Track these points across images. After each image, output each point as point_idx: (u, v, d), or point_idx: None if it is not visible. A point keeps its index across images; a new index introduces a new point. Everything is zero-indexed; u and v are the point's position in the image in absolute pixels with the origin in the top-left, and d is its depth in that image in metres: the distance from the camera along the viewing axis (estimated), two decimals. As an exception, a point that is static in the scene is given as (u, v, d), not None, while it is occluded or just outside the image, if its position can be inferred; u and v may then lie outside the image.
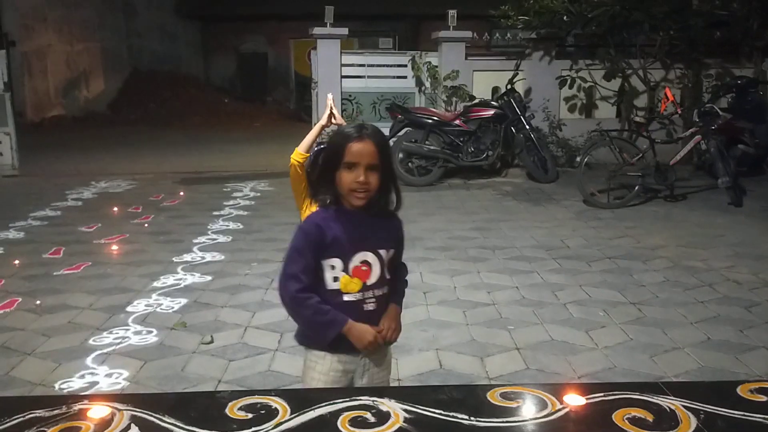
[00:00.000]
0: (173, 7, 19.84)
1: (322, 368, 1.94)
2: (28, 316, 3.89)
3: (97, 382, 3.05)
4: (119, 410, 1.55)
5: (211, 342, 3.49)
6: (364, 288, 1.89)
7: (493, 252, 5.24)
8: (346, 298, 1.88)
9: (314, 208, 2.89)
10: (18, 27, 14.14)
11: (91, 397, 2.11)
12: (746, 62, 9.51)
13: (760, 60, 9.36)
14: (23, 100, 14.17)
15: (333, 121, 3.29)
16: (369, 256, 1.89)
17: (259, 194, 7.72)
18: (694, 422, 1.52)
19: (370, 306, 1.90)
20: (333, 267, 1.86)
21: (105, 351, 3.39)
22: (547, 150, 8.63)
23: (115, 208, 6.92)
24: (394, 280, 1.99)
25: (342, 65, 9.36)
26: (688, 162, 8.17)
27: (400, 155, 8.28)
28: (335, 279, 1.87)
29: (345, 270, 1.87)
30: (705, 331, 3.63)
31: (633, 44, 9.30)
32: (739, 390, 1.67)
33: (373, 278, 1.90)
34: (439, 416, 1.55)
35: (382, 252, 1.91)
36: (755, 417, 1.56)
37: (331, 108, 3.22)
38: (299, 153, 3.17)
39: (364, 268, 1.89)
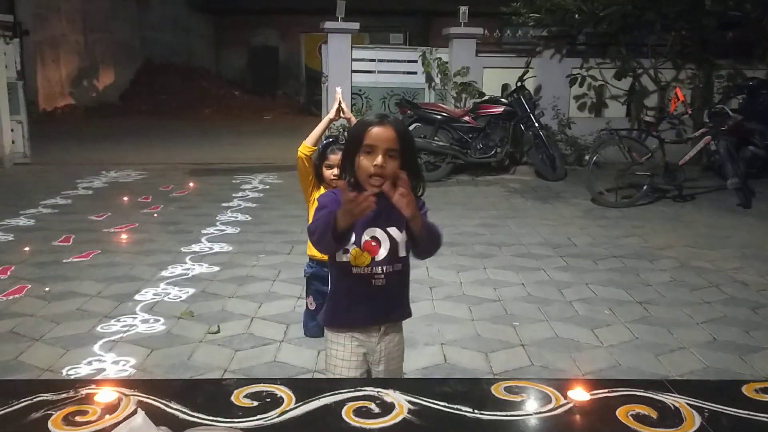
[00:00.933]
0: (186, 0, 19.88)
1: (338, 346, 2.02)
2: (37, 303, 3.92)
3: (104, 369, 3.07)
4: (126, 395, 1.56)
5: (218, 332, 3.51)
6: (374, 263, 1.92)
7: (499, 248, 5.24)
8: (354, 271, 1.91)
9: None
10: (31, 16, 14.22)
11: (98, 382, 2.13)
12: (759, 63, 9.44)
13: (772, 62, 9.29)
14: (35, 90, 14.25)
15: (342, 115, 3.29)
16: (378, 233, 1.92)
17: (267, 186, 7.74)
18: (698, 420, 1.52)
19: (378, 282, 1.93)
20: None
21: (112, 338, 3.42)
22: (556, 148, 8.61)
23: (125, 198, 6.96)
24: (408, 256, 2.00)
25: (352, 60, 9.36)
26: (697, 162, 8.13)
27: (409, 151, 8.28)
28: (345, 251, 1.90)
29: (357, 243, 1.90)
30: (711, 332, 3.62)
31: (644, 43, 9.25)
32: (744, 389, 1.66)
33: (381, 254, 1.92)
34: (443, 408, 1.55)
35: (392, 230, 1.92)
36: (760, 416, 1.56)
37: (340, 102, 3.22)
38: (306, 146, 3.18)
39: (373, 243, 1.92)
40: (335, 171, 3.21)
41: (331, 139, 3.35)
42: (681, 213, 6.63)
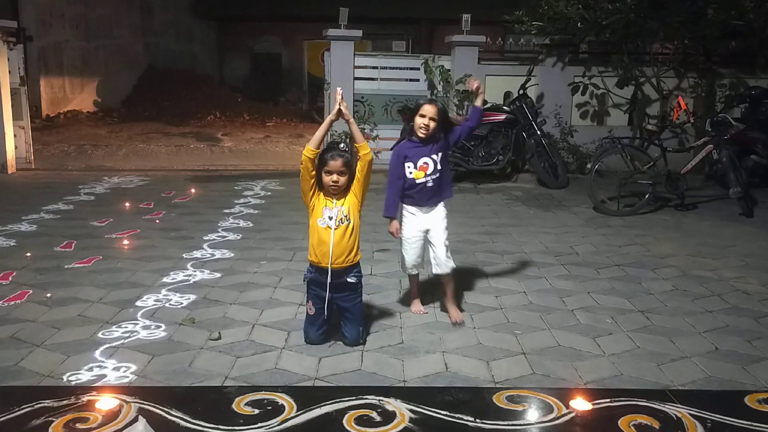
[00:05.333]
0: (190, 7, 19.95)
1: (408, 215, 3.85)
2: (38, 308, 3.92)
3: (105, 376, 3.06)
4: (127, 402, 1.57)
5: (219, 338, 3.51)
6: (427, 175, 3.75)
7: (501, 257, 5.23)
8: (417, 181, 3.75)
9: (321, 202, 3.41)
10: (35, 22, 14.28)
11: (100, 389, 2.12)
12: (761, 73, 9.45)
13: (775, 71, 9.30)
14: (39, 95, 14.29)
15: (342, 116, 3.34)
16: (427, 159, 3.74)
17: (269, 193, 7.74)
18: (700, 430, 1.51)
19: (429, 184, 3.77)
20: (408, 166, 3.74)
21: (113, 345, 3.41)
22: (558, 156, 8.61)
23: (127, 204, 6.96)
24: (447, 168, 3.91)
25: (355, 67, 9.38)
26: (699, 171, 8.12)
27: (411, 158, 8.28)
28: (410, 172, 3.75)
29: (414, 167, 3.74)
30: (713, 341, 3.61)
31: (647, 52, 9.26)
32: (746, 400, 1.67)
33: (429, 170, 3.75)
34: (444, 417, 1.56)
35: (433, 156, 3.74)
36: (763, 427, 1.55)
37: (340, 102, 3.28)
38: (310, 149, 3.25)
39: (424, 165, 3.74)
40: (334, 177, 3.27)
41: (331, 145, 3.39)
42: (683, 222, 6.62)
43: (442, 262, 3.89)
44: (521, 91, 8.76)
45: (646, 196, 6.83)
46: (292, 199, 7.16)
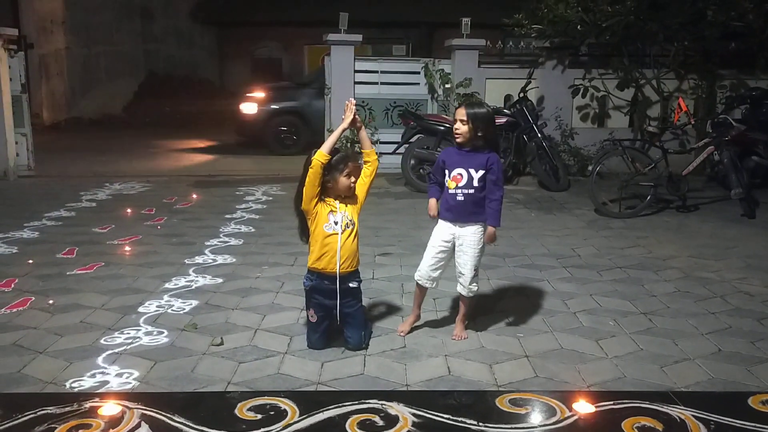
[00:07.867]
0: (190, 13, 20.02)
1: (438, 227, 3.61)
2: (40, 315, 3.92)
3: (107, 382, 3.06)
4: (129, 408, 1.57)
5: (221, 344, 3.50)
6: (457, 187, 3.48)
7: (503, 259, 5.23)
8: (449, 190, 3.51)
9: (326, 208, 3.43)
10: (36, 30, 14.34)
11: (102, 395, 2.12)
12: (761, 74, 9.45)
13: (775, 71, 9.30)
14: (40, 102, 14.34)
15: (355, 124, 3.39)
16: (462, 171, 3.48)
17: (271, 198, 7.75)
18: (704, 432, 1.51)
19: (459, 197, 3.48)
20: (445, 172, 3.54)
21: (116, 351, 3.41)
22: (559, 159, 8.61)
23: (129, 210, 6.97)
24: (485, 200, 3.49)
25: (355, 71, 9.39)
26: (700, 173, 8.12)
27: (412, 161, 8.29)
28: (445, 179, 3.53)
29: (448, 176, 3.52)
30: (716, 343, 3.60)
31: (647, 54, 9.27)
32: (750, 401, 1.66)
33: (462, 183, 3.47)
34: (447, 421, 1.55)
35: (471, 170, 3.47)
36: (766, 429, 1.55)
37: (355, 112, 3.33)
38: (323, 154, 3.24)
39: (458, 176, 3.49)
40: (353, 179, 3.30)
41: (345, 151, 3.45)
42: (685, 223, 6.61)
43: (465, 285, 3.63)
44: (521, 94, 8.77)
45: (648, 197, 6.83)
46: (293, 204, 7.15)
